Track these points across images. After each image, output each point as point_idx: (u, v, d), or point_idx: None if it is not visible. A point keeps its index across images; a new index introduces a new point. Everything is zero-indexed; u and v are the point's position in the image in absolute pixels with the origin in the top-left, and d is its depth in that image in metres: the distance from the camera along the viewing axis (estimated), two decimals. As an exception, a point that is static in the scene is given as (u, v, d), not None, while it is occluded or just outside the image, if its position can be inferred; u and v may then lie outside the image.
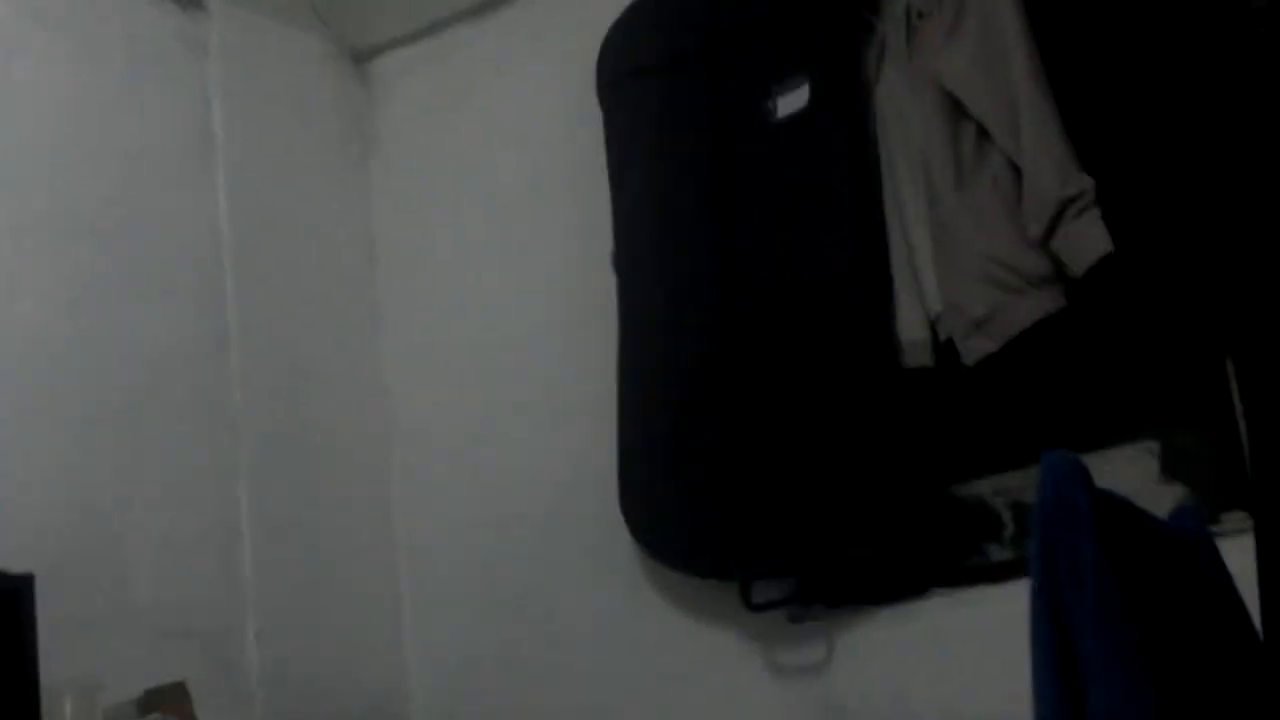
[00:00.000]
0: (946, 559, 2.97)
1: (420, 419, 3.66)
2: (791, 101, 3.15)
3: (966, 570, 2.95)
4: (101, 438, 3.17)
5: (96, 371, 3.19)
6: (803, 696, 3.09)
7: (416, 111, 3.80)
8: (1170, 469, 2.78)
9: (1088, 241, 2.78)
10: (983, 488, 2.95)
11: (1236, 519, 2.67)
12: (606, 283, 3.35)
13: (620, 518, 3.25)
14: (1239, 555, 2.17)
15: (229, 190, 3.51)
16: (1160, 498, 2.68)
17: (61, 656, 2.76)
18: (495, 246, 3.62)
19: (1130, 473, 2.72)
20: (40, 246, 3.16)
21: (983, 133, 2.93)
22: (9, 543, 2.81)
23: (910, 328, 2.97)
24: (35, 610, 2.69)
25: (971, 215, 2.91)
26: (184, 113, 3.49)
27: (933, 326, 2.96)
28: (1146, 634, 2.34)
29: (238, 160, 3.54)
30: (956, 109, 2.96)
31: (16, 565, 2.70)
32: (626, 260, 3.34)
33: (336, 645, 3.44)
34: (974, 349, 2.89)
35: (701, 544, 3.16)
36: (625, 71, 3.40)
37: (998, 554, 2.93)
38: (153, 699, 2.90)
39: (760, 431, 3.08)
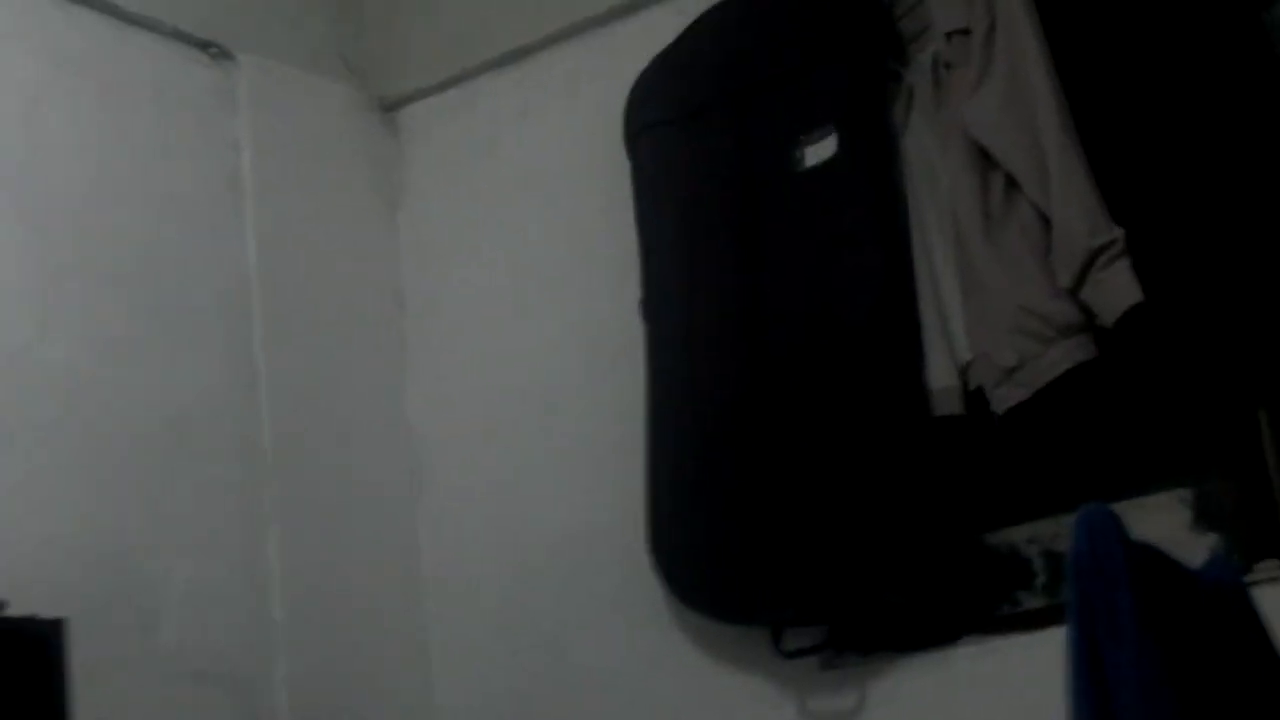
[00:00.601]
0: (978, 607, 2.97)
1: (448, 464, 3.66)
2: (819, 151, 3.16)
3: (998, 618, 2.95)
4: (131, 483, 3.18)
5: (126, 417, 3.20)
6: (835, 744, 3.08)
7: (444, 160, 3.81)
8: (1203, 518, 2.78)
9: (1118, 291, 2.77)
10: (1014, 535, 2.95)
11: (1270, 567, 2.68)
12: (634, 330, 3.35)
13: (649, 563, 3.25)
14: (1274, 603, 2.17)
15: (257, 238, 3.53)
16: (1193, 547, 2.68)
17: (92, 701, 2.76)
18: (523, 294, 3.63)
19: (1163, 522, 2.72)
20: (70, 293, 3.18)
21: (1011, 182, 2.93)
22: (39, 588, 2.82)
23: (940, 376, 2.97)
24: (66, 655, 2.70)
25: (1001, 264, 2.91)
26: (213, 161, 3.51)
27: (963, 374, 2.96)
28: (1185, 686, 2.34)
29: (266, 209, 3.56)
30: (984, 158, 2.97)
31: (47, 610, 2.70)
32: (655, 308, 3.35)
33: (364, 689, 3.44)
34: (1005, 398, 2.89)
35: (732, 590, 3.15)
36: (653, 121, 3.42)
37: (1030, 602, 2.93)
38: (182, 744, 2.91)
39: (791, 479, 3.08)
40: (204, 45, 3.54)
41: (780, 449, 3.10)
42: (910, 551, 2.98)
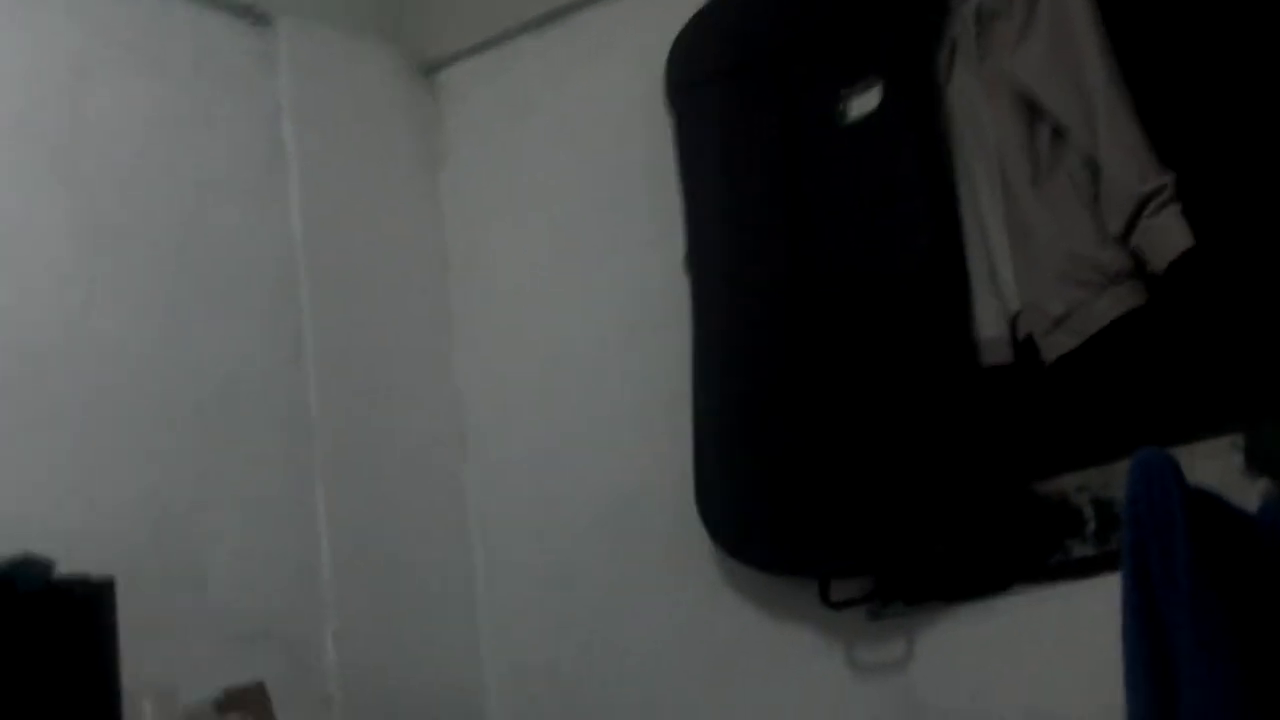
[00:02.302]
0: (1028, 555, 2.95)
1: (494, 424, 3.67)
2: (863, 104, 3.15)
3: (1048, 567, 2.93)
4: (180, 446, 3.20)
5: (174, 382, 3.23)
6: (883, 694, 3.08)
7: (485, 121, 3.81)
8: (1254, 463, 2.76)
9: (1168, 236, 2.76)
10: (1064, 484, 2.93)
11: (1323, 512, 2.66)
12: (679, 286, 3.36)
13: (697, 518, 3.25)
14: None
15: (301, 202, 3.54)
16: (1244, 492, 2.66)
17: (141, 659, 2.78)
18: (567, 253, 3.63)
19: (1213, 467, 2.71)
20: (116, 261, 3.20)
21: (1058, 131, 2.92)
22: (90, 548, 2.83)
23: (988, 325, 2.96)
24: (116, 614, 2.71)
25: (1049, 212, 2.91)
26: (255, 127, 3.52)
27: (1012, 323, 2.95)
28: (1240, 630, 2.33)
29: (309, 173, 3.57)
30: (1031, 108, 2.96)
31: (97, 570, 2.72)
32: (699, 263, 3.34)
33: (414, 647, 3.45)
34: (1054, 346, 2.88)
35: (780, 542, 3.16)
36: (694, 77, 3.41)
37: (1080, 550, 2.91)
38: (231, 700, 2.93)
39: (838, 429, 3.08)
40: (244, 11, 3.54)
41: (828, 400, 3.10)
42: (959, 501, 2.97)
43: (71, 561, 2.69)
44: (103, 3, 3.30)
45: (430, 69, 3.88)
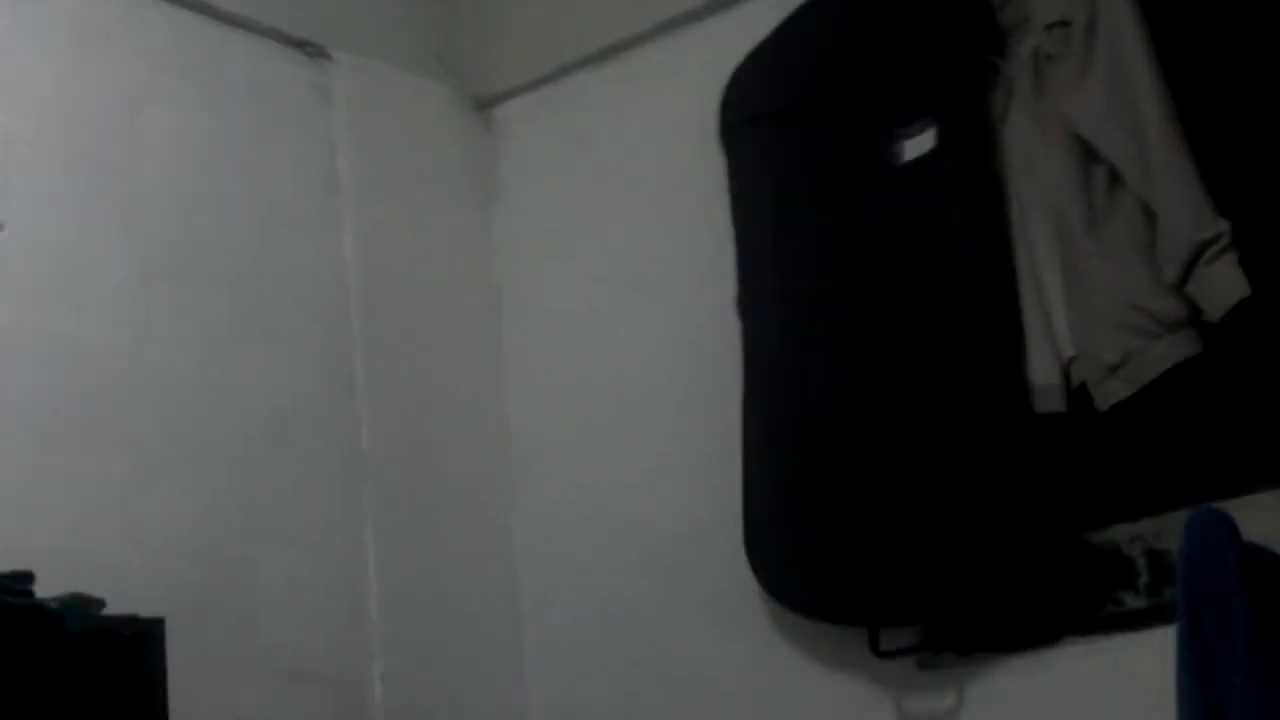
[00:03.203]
0: (1080, 606, 2.93)
1: (544, 464, 3.66)
2: (918, 144, 3.13)
3: (1100, 618, 2.91)
4: (230, 482, 3.20)
5: (226, 417, 3.23)
6: (933, 745, 3.06)
7: (539, 157, 3.81)
8: (1312, 515, 2.73)
9: (1225, 285, 2.73)
10: (1117, 534, 2.91)
11: (1381, 568, 2.62)
12: (730, 326, 3.34)
13: (746, 563, 3.23)
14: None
15: (355, 236, 3.54)
16: (1302, 545, 2.64)
17: (190, 699, 2.77)
18: (619, 291, 3.62)
19: (1269, 519, 2.67)
20: (170, 294, 3.21)
21: (1114, 175, 2.90)
22: (140, 587, 2.85)
23: (1042, 372, 2.94)
24: (166, 654, 2.71)
25: (1104, 258, 2.88)
26: (310, 160, 3.53)
27: (1065, 371, 2.92)
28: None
29: (363, 207, 3.57)
30: (1087, 152, 2.93)
31: (147, 609, 2.73)
32: (751, 302, 3.33)
33: (460, 688, 3.44)
34: (1108, 394, 2.85)
35: (829, 589, 3.13)
36: (748, 116, 3.40)
37: (1132, 602, 2.88)
38: (279, 741, 2.93)
39: (889, 476, 3.05)
40: (301, 44, 3.55)
41: (879, 446, 3.08)
42: (1010, 550, 2.94)
43: (121, 599, 2.69)
44: (162, 34, 3.32)
45: (485, 104, 3.88)
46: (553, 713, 3.54)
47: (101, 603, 2.67)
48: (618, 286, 3.63)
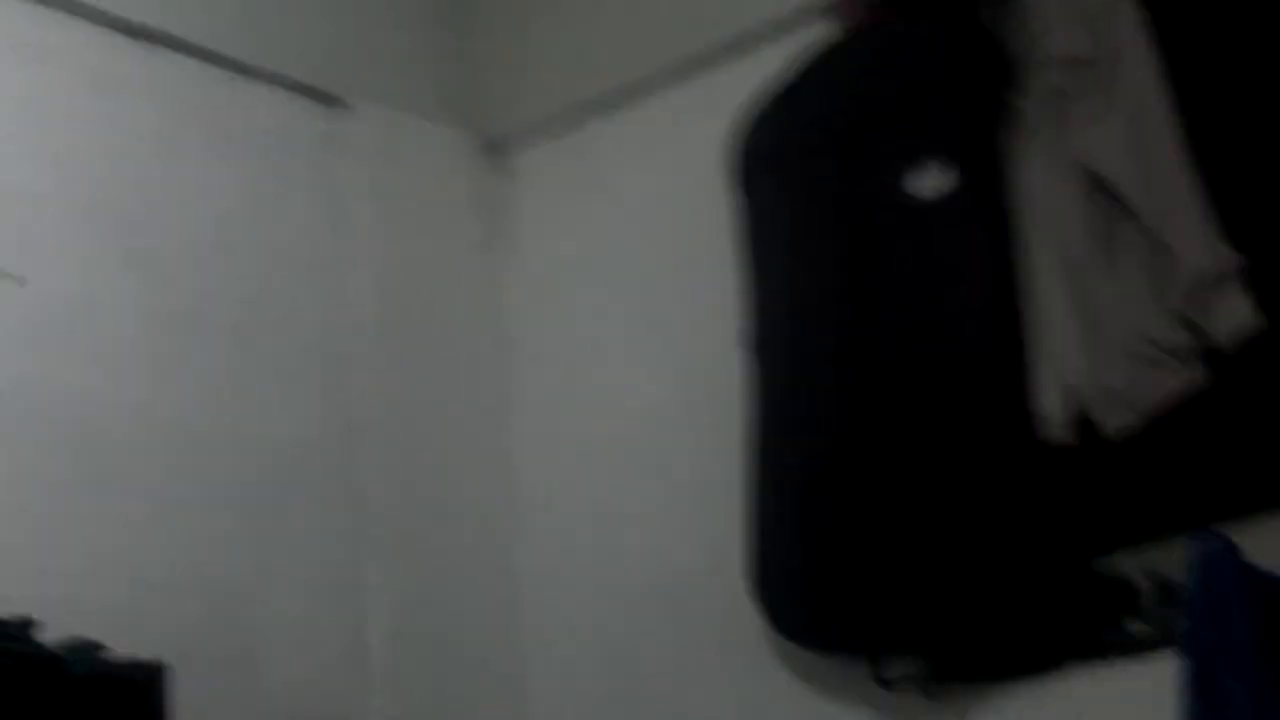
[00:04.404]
0: (1085, 633, 2.92)
1: (549, 504, 3.67)
2: (931, 183, 3.11)
3: (1106, 645, 2.90)
4: (235, 525, 3.21)
5: (232, 461, 3.25)
6: (938, 773, 3.05)
7: (552, 201, 3.83)
8: (1315, 542, 2.72)
9: (1235, 316, 2.75)
10: (1121, 561, 2.91)
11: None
12: (736, 366, 3.32)
13: (749, 597, 3.22)
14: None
15: (368, 281, 3.56)
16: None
17: (193, 742, 2.77)
18: (629, 333, 3.64)
19: (1275, 546, 2.67)
20: (184, 338, 3.23)
21: (1126, 210, 2.91)
22: (143, 630, 2.85)
23: (1050, 401, 2.93)
24: (169, 698, 2.71)
25: (1114, 291, 2.89)
26: (324, 208, 3.56)
27: (1074, 400, 2.91)
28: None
29: (377, 252, 3.60)
30: (1099, 186, 2.94)
31: (150, 652, 2.73)
32: (758, 339, 3.31)
33: (464, 728, 3.44)
34: (1116, 423, 2.86)
35: (833, 620, 3.13)
36: (760, 157, 3.39)
37: (1136, 628, 2.87)
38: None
39: (893, 506, 3.05)
40: (316, 93, 3.58)
41: (883, 477, 3.07)
42: (1016, 578, 2.94)
43: (124, 643, 2.69)
44: (181, 83, 3.35)
45: (499, 150, 3.91)
46: (558, 747, 3.54)
47: (102, 647, 2.66)
48: (626, 327, 3.65)
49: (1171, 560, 2.76)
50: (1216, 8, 2.93)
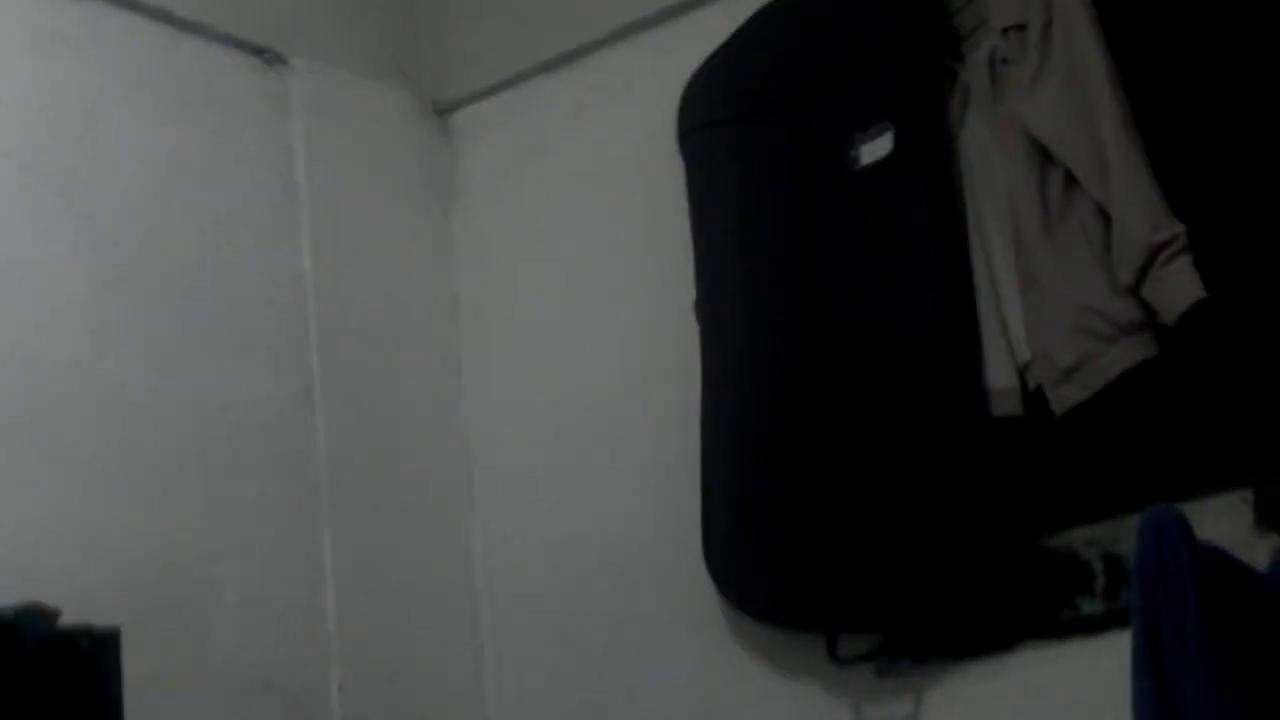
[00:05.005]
0: (1037, 612, 2.92)
1: (503, 473, 3.65)
2: (874, 149, 3.12)
3: (1057, 623, 2.90)
4: (185, 493, 3.18)
5: (181, 427, 3.21)
6: (891, 751, 3.05)
7: (498, 163, 3.80)
8: (1265, 519, 2.73)
9: (1180, 288, 2.74)
10: (1074, 538, 2.90)
11: (1335, 570, 2.63)
12: (689, 333, 3.33)
13: (704, 570, 3.22)
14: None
15: (312, 245, 3.53)
16: (1255, 549, 2.64)
17: (145, 712, 2.75)
18: (578, 298, 3.61)
19: (1224, 523, 2.68)
20: (125, 303, 3.19)
21: (1070, 178, 2.90)
22: (93, 598, 2.83)
23: (999, 376, 2.94)
24: (122, 665, 2.69)
25: (1060, 262, 2.88)
26: (267, 167, 3.51)
27: (1022, 375, 2.92)
28: (1251, 689, 2.31)
29: (321, 215, 3.56)
30: (1043, 155, 2.93)
31: (102, 620, 2.70)
32: (708, 309, 3.32)
33: (419, 699, 3.42)
34: (1064, 398, 2.85)
35: (787, 596, 3.13)
36: (705, 121, 3.39)
37: (1089, 606, 2.88)
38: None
39: (846, 482, 3.05)
40: (258, 51, 3.54)
41: (836, 452, 3.07)
42: (967, 556, 2.94)
43: (75, 611, 2.66)
44: (117, 40, 3.30)
45: (444, 110, 3.88)
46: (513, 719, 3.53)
47: (57, 613, 2.64)
48: (576, 293, 3.62)
49: (1122, 537, 2.76)
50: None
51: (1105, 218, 2.84)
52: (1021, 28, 2.99)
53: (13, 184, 3.08)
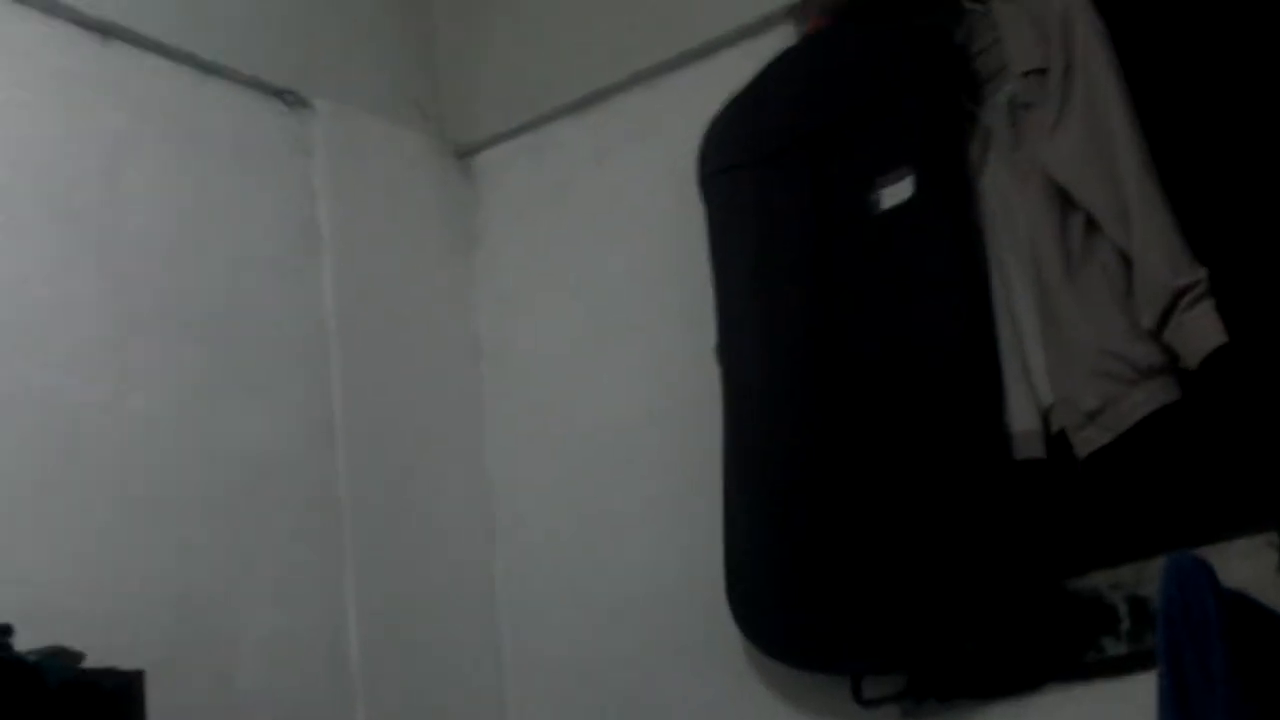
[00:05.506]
0: (1062, 653, 2.93)
1: (524, 512, 3.66)
2: (895, 193, 3.13)
3: (1083, 665, 2.90)
4: (209, 532, 3.19)
5: (205, 466, 3.21)
6: (915, 792, 3.05)
7: (519, 205, 3.82)
8: (1290, 562, 2.73)
9: (1202, 332, 2.75)
10: (1097, 581, 2.91)
11: (1360, 613, 2.62)
12: (711, 376, 3.34)
13: (728, 612, 3.22)
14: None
15: (334, 286, 3.54)
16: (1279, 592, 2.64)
17: (170, 752, 2.76)
18: (599, 339, 3.63)
19: (1248, 566, 2.68)
20: (150, 343, 3.20)
21: (1091, 222, 2.91)
22: (118, 638, 2.83)
23: (1021, 419, 2.94)
24: (145, 707, 2.70)
25: (1082, 306, 2.89)
26: (290, 209, 3.53)
27: (1044, 418, 2.93)
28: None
29: (343, 256, 3.57)
30: (1063, 199, 2.94)
31: (125, 661, 2.71)
32: (729, 352, 3.33)
33: (442, 736, 3.43)
34: (1087, 441, 2.86)
35: (811, 638, 3.13)
36: (727, 164, 3.40)
37: (1113, 648, 2.88)
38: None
39: (870, 524, 3.05)
40: (280, 93, 3.56)
41: (859, 494, 3.07)
42: (991, 598, 2.94)
43: (99, 652, 2.67)
44: (141, 82, 3.32)
45: (465, 152, 3.90)
46: (536, 761, 3.53)
47: (81, 656, 2.64)
48: (597, 333, 3.64)
49: (1147, 580, 2.77)
50: (1177, 16, 2.94)
51: (1127, 262, 2.85)
52: (1042, 72, 3.00)
53: (36, 225, 3.10)
